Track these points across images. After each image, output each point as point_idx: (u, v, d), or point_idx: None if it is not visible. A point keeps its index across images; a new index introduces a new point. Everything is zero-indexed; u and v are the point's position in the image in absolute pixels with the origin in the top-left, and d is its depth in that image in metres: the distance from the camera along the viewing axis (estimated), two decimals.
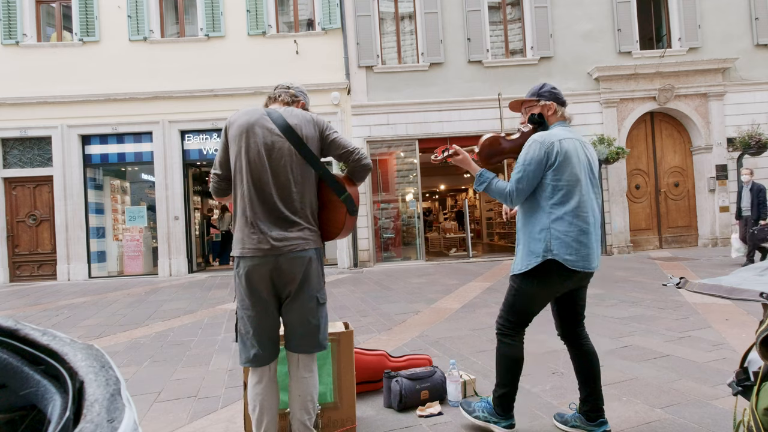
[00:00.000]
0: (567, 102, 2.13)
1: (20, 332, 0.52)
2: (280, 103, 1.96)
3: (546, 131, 2.05)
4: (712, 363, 2.95)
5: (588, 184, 1.99)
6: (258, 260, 1.76)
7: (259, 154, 1.79)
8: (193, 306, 6.05)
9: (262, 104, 2.00)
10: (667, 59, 10.21)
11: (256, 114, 1.84)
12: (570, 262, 1.90)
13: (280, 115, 1.84)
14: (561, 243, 1.91)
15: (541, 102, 2.10)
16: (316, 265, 1.86)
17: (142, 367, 3.49)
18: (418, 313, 4.99)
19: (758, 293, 1.17)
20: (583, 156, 2.01)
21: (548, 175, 1.94)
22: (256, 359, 1.80)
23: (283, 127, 1.82)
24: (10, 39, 9.81)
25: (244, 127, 1.81)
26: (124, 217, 10.53)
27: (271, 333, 1.84)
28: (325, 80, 10.00)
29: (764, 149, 9.62)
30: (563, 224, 1.92)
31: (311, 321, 1.85)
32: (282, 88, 2.01)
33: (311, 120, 1.89)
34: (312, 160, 1.85)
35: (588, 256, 1.93)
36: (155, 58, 9.95)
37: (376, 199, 10.32)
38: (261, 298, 1.80)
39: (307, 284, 1.82)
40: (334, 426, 2.24)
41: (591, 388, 2.07)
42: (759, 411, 1.13)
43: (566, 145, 1.95)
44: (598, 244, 2.02)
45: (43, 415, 0.47)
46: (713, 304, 4.54)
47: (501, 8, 10.68)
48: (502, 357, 2.12)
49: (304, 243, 1.81)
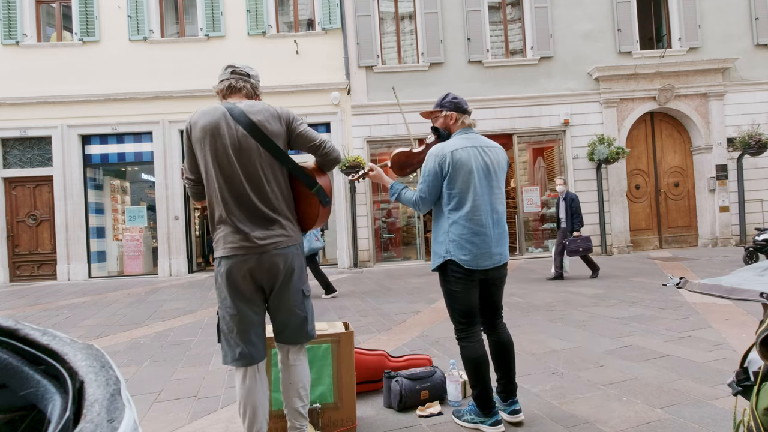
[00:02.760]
0: (470, 109, 2.30)
1: (20, 332, 0.52)
2: (241, 96, 1.89)
3: (443, 142, 2.23)
4: (712, 363, 2.95)
5: (484, 188, 2.15)
6: (241, 258, 1.74)
7: (227, 156, 1.76)
8: (193, 306, 6.05)
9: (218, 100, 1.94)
10: (667, 59, 10.21)
11: (217, 113, 1.78)
12: (464, 262, 2.09)
13: (242, 111, 1.78)
14: (456, 245, 2.11)
15: (443, 112, 2.27)
16: (299, 259, 1.86)
17: (142, 367, 3.49)
18: (418, 313, 4.99)
19: (758, 293, 1.17)
20: (480, 162, 2.15)
21: (444, 184, 2.14)
22: (242, 358, 1.77)
23: (247, 125, 1.77)
24: (10, 39, 9.81)
25: (207, 129, 1.76)
26: (124, 217, 10.53)
27: (256, 330, 1.82)
28: (325, 80, 9.99)
29: (764, 149, 9.62)
30: (458, 228, 2.11)
31: (299, 313, 1.86)
32: (241, 76, 1.91)
33: (275, 114, 1.84)
34: (279, 155, 1.82)
35: (481, 255, 2.11)
36: (155, 58, 9.95)
37: (376, 199, 10.32)
38: (244, 296, 1.78)
39: (291, 279, 1.82)
40: (334, 426, 2.24)
41: (504, 372, 2.26)
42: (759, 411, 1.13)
43: (458, 155, 2.13)
44: (500, 243, 2.18)
45: (43, 415, 0.47)
46: (713, 304, 4.54)
47: (501, 8, 10.68)
48: (463, 359, 2.22)
49: (287, 239, 1.81)
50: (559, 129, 10.24)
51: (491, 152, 2.21)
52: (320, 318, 4.76)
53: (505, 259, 2.20)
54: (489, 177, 2.16)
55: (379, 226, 10.34)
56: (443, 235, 2.15)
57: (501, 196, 2.22)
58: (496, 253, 2.15)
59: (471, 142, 2.18)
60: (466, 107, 2.28)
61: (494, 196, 2.17)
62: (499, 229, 2.18)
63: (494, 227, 2.15)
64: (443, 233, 2.16)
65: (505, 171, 2.25)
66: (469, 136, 2.22)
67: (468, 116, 2.28)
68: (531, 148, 10.65)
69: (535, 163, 10.96)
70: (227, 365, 1.83)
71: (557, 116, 10.16)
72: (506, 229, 2.23)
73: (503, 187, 2.25)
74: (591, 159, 9.90)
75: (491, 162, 2.18)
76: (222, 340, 1.82)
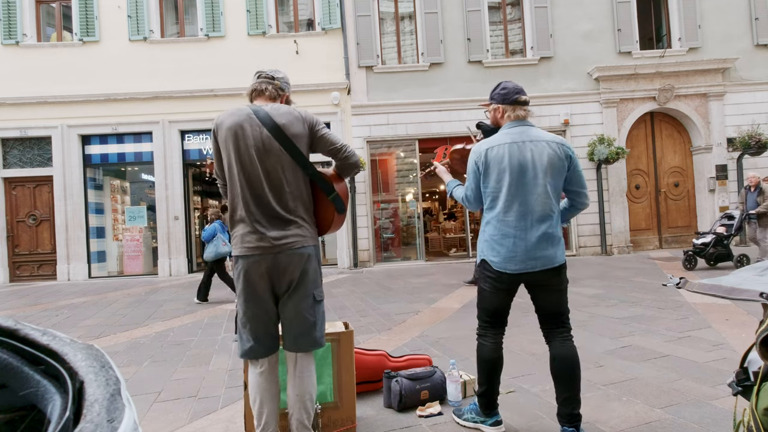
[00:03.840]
0: (520, 99, 2.07)
1: (20, 332, 0.51)
2: (266, 99, 1.92)
3: (486, 138, 2.13)
4: (712, 363, 2.95)
5: (519, 188, 1.98)
6: (257, 258, 1.78)
7: (250, 156, 1.79)
8: (193, 306, 6.05)
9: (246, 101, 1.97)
10: (667, 59, 10.21)
11: (243, 114, 1.82)
12: (494, 263, 2.03)
13: (267, 114, 1.82)
14: (488, 245, 2.06)
15: (492, 105, 2.14)
16: (314, 262, 1.88)
17: (142, 367, 3.49)
18: (418, 313, 4.99)
19: (758, 293, 1.17)
20: (516, 159, 1.98)
21: (482, 183, 2.08)
22: (252, 352, 1.84)
23: (272, 127, 1.80)
24: (10, 39, 9.81)
25: (233, 129, 1.80)
26: (124, 217, 10.53)
27: (268, 328, 1.86)
28: (325, 80, 9.99)
29: (764, 149, 9.62)
30: (491, 228, 2.05)
31: (308, 318, 1.86)
32: (265, 79, 1.94)
33: (299, 117, 1.86)
34: (300, 159, 1.85)
35: (510, 259, 1.99)
36: (155, 58, 9.95)
37: (376, 199, 10.32)
38: (258, 294, 1.82)
39: (304, 281, 1.84)
40: (334, 426, 2.24)
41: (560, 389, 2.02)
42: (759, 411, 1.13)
43: (492, 152, 2.02)
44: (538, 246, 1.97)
45: (43, 415, 0.47)
46: (713, 304, 4.54)
47: (501, 8, 10.68)
48: (477, 355, 2.18)
49: (303, 240, 1.83)
50: (559, 129, 10.23)
51: (535, 147, 1.99)
52: None
53: (545, 264, 1.98)
54: (525, 175, 1.97)
55: (380, 226, 10.34)
56: (481, 234, 2.15)
57: (544, 196, 1.98)
58: (530, 258, 1.97)
59: (512, 137, 2.02)
60: (515, 97, 2.06)
61: (533, 195, 1.97)
62: (535, 233, 1.97)
63: (530, 229, 1.97)
64: (481, 232, 2.15)
65: (554, 167, 1.99)
66: (513, 131, 2.04)
67: (519, 107, 2.07)
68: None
69: None
70: (241, 358, 1.91)
71: (557, 116, 10.16)
72: (552, 231, 1.99)
73: (551, 185, 2.00)
74: (591, 159, 9.90)
75: (532, 158, 1.98)
76: (238, 333, 1.91)
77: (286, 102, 1.99)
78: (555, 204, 2.03)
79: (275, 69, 2.00)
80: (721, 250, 6.88)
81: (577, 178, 2.07)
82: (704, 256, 6.96)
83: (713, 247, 6.86)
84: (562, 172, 2.03)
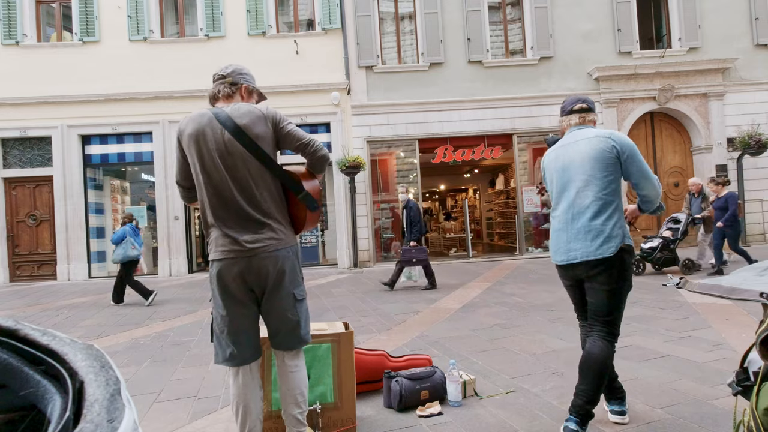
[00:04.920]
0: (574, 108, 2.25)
1: (20, 332, 0.51)
2: (224, 100, 1.88)
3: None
4: (712, 363, 2.95)
5: (561, 185, 2.17)
6: (231, 261, 1.75)
7: (213, 161, 1.75)
8: (193, 306, 6.05)
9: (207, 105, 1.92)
10: (667, 59, 10.21)
11: (204, 119, 1.78)
12: (552, 257, 2.25)
13: (227, 116, 1.77)
14: (550, 242, 2.27)
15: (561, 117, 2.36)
16: (291, 262, 1.83)
17: (142, 367, 3.49)
18: (418, 313, 4.99)
19: (758, 293, 1.17)
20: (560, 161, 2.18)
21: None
22: (232, 358, 1.79)
23: (233, 129, 1.75)
24: (10, 39, 9.81)
25: (194, 135, 1.76)
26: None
27: (248, 332, 1.82)
28: (325, 80, 9.99)
29: (764, 149, 9.62)
30: (551, 225, 2.29)
31: (291, 318, 1.84)
32: (218, 81, 1.89)
33: (261, 116, 1.80)
34: (265, 160, 1.79)
35: (555, 250, 2.20)
36: (155, 58, 9.95)
37: (376, 199, 10.32)
38: (235, 298, 1.79)
39: (282, 282, 1.80)
40: (334, 426, 2.24)
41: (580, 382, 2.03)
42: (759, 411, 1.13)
43: (545, 159, 2.31)
44: (577, 239, 2.07)
45: (43, 415, 0.47)
46: (713, 304, 4.54)
47: (501, 8, 10.68)
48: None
49: (277, 243, 1.79)
50: (559, 129, 10.22)
51: (581, 144, 2.10)
52: (320, 318, 4.77)
53: (585, 256, 2.01)
54: (568, 171, 2.13)
55: (380, 226, 10.34)
56: None
57: (587, 188, 2.05)
58: (570, 249, 2.07)
59: (563, 142, 2.24)
60: (569, 108, 2.26)
61: (574, 189, 2.09)
62: (576, 224, 2.06)
63: (572, 222, 2.09)
64: None
65: (598, 159, 2.03)
66: (567, 137, 2.23)
67: (574, 116, 2.23)
68: (531, 148, 10.65)
69: (535, 163, 10.95)
70: (218, 365, 1.85)
71: (557, 116, 10.14)
72: (596, 224, 2.02)
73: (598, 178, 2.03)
74: None
75: (574, 156, 2.11)
76: (214, 339, 1.84)
77: (247, 93, 1.92)
78: (605, 197, 2.03)
79: (226, 65, 1.94)
80: (668, 254, 6.78)
81: (635, 168, 2.04)
82: (651, 261, 6.81)
83: (660, 251, 6.76)
84: (609, 164, 2.04)
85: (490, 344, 3.65)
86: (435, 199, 19.74)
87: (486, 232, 16.07)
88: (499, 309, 4.93)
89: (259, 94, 2.01)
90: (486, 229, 16.11)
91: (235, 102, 1.87)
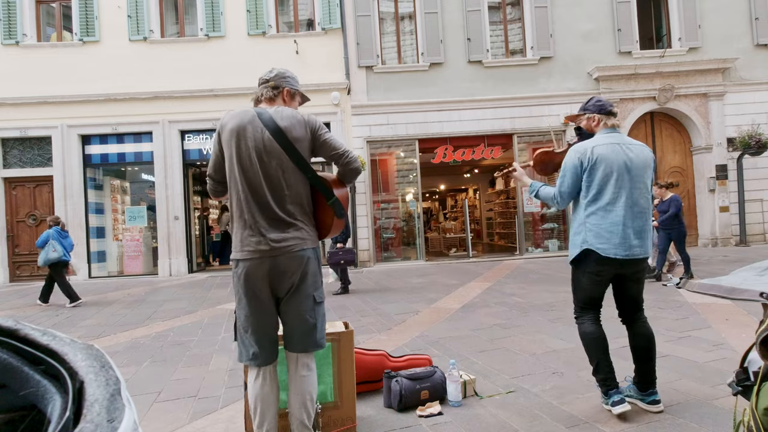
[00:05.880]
0: (615, 110, 2.40)
1: (20, 332, 0.51)
2: (266, 102, 1.93)
3: (585, 140, 2.36)
4: (712, 363, 2.95)
5: (625, 182, 2.24)
6: (257, 261, 1.77)
7: (250, 159, 1.79)
8: (193, 306, 6.05)
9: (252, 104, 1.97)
10: (667, 59, 10.21)
11: (247, 116, 1.82)
12: (602, 250, 2.21)
13: (270, 116, 1.82)
14: (594, 234, 2.24)
15: (586, 114, 2.42)
16: (314, 264, 1.87)
17: (142, 367, 3.49)
18: (418, 313, 4.99)
19: (758, 293, 1.17)
20: (621, 157, 2.25)
21: (584, 178, 2.28)
22: (255, 358, 1.82)
23: (274, 130, 1.80)
24: (10, 39, 9.80)
25: (235, 130, 1.80)
26: (124, 217, 10.53)
27: (270, 332, 1.85)
28: (325, 80, 9.99)
29: (764, 149, 9.62)
30: (596, 218, 2.24)
31: (308, 320, 1.86)
32: (261, 85, 1.95)
33: (302, 121, 1.86)
34: (301, 163, 1.84)
35: (619, 245, 2.20)
36: (155, 58, 9.95)
37: (376, 199, 10.32)
38: (259, 298, 1.81)
39: (304, 283, 1.83)
40: (334, 425, 2.24)
41: (642, 364, 2.32)
42: (759, 411, 1.13)
43: (600, 150, 2.26)
44: (639, 235, 2.24)
45: (43, 415, 0.47)
46: (713, 304, 4.54)
47: (501, 8, 10.68)
48: (581, 337, 2.36)
49: (302, 243, 1.82)
50: (559, 129, 10.24)
51: (635, 149, 2.30)
52: None
53: (644, 253, 2.26)
54: (630, 172, 2.24)
55: (380, 226, 10.34)
56: (580, 226, 2.29)
57: (645, 192, 2.28)
58: (635, 245, 2.22)
59: (613, 139, 2.30)
60: (609, 109, 2.38)
61: (637, 190, 2.25)
62: (639, 222, 2.24)
63: (634, 220, 2.23)
64: (580, 224, 2.30)
65: (651, 168, 2.31)
66: (611, 135, 2.32)
67: (612, 117, 2.38)
68: (531, 148, 10.64)
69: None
70: (242, 363, 1.88)
71: (557, 116, 10.15)
72: (649, 225, 2.29)
73: (648, 184, 2.30)
74: None
75: (635, 158, 2.27)
76: (238, 338, 1.87)
77: (290, 96, 1.98)
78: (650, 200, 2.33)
79: (269, 69, 2.00)
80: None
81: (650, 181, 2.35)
82: None
83: None
84: (651, 173, 2.35)
85: (490, 344, 3.65)
86: (435, 199, 19.75)
87: (486, 232, 16.08)
88: (499, 309, 4.93)
89: (302, 96, 2.06)
90: (486, 229, 16.12)
91: (277, 105, 1.92)
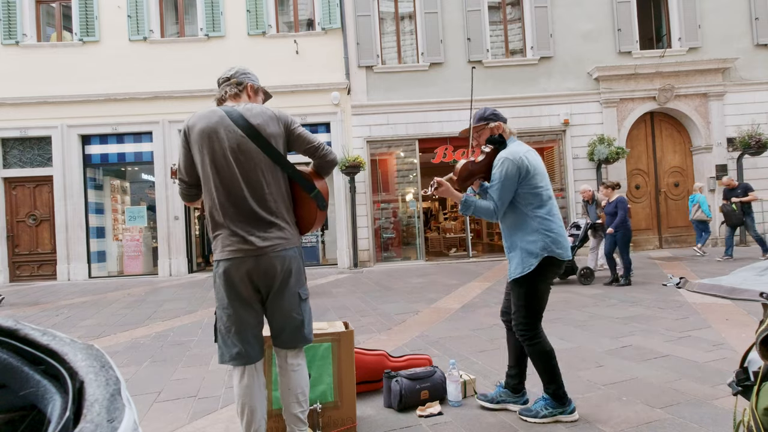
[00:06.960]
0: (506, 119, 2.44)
1: (20, 332, 0.51)
2: (231, 99, 1.88)
3: (508, 148, 2.30)
4: (712, 363, 2.95)
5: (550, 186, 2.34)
6: (238, 261, 1.75)
7: (226, 159, 1.75)
8: (193, 306, 6.05)
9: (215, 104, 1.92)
10: (667, 59, 10.21)
11: (215, 116, 1.77)
12: (560, 255, 2.21)
13: (240, 114, 1.77)
14: (551, 240, 2.20)
15: (489, 125, 2.37)
16: (297, 262, 1.86)
17: (142, 367, 3.49)
18: (418, 313, 4.99)
19: (758, 293, 1.17)
20: (541, 162, 2.33)
21: (523, 186, 2.22)
22: (239, 357, 1.78)
23: (247, 129, 1.76)
24: (10, 39, 9.81)
25: (206, 132, 1.75)
26: (124, 217, 10.53)
27: (254, 331, 1.83)
28: (325, 80, 9.99)
29: (764, 149, 9.62)
30: (548, 224, 2.22)
31: (295, 317, 1.85)
32: (223, 84, 1.91)
33: (274, 117, 1.83)
34: (279, 159, 1.82)
35: (567, 247, 2.26)
36: (155, 58, 9.95)
37: (376, 199, 10.32)
38: (241, 296, 1.79)
39: (288, 282, 1.82)
40: (334, 425, 2.24)
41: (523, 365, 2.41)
42: (759, 411, 1.13)
43: (531, 156, 2.28)
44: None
45: (43, 415, 0.47)
46: (713, 304, 4.54)
47: (501, 8, 10.68)
48: (540, 354, 2.24)
49: (285, 242, 1.80)
50: (559, 129, 10.24)
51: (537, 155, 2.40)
52: (320, 318, 4.76)
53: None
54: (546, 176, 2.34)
55: (380, 226, 10.34)
56: (535, 234, 2.20)
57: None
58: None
59: (527, 146, 2.35)
60: (504, 117, 2.44)
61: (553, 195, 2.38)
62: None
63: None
64: (533, 232, 2.21)
65: None
66: (521, 142, 2.37)
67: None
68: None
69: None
70: (224, 364, 1.84)
71: (557, 116, 10.16)
72: None
73: None
74: (591, 159, 9.90)
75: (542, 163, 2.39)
76: (219, 339, 1.83)
77: (253, 91, 1.94)
78: None
79: (228, 68, 1.96)
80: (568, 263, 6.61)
81: None
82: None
83: None
84: None
85: (490, 344, 3.65)
86: (435, 199, 19.74)
87: (486, 232, 16.06)
88: (499, 309, 4.92)
89: (265, 93, 2.03)
90: (486, 229, 16.10)
91: (242, 101, 1.89)
